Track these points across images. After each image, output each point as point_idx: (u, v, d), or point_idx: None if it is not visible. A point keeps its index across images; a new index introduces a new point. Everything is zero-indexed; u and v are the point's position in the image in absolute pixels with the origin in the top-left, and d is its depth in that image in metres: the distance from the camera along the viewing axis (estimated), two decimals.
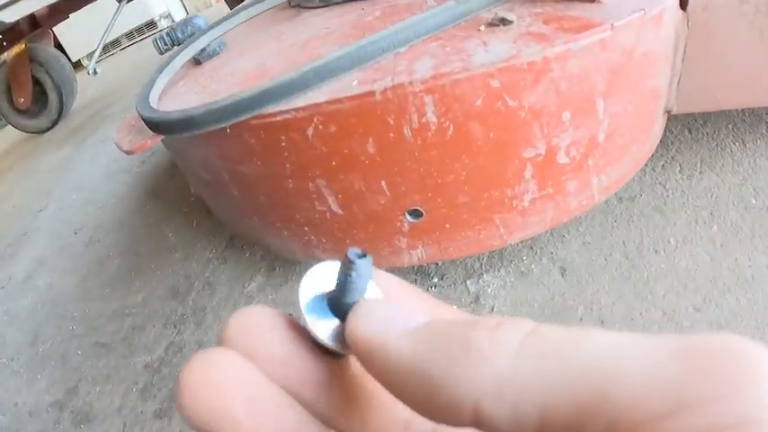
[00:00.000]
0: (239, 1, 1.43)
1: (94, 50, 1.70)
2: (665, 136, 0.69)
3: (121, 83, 2.29)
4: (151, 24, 3.06)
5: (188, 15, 0.73)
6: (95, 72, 1.76)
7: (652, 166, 0.73)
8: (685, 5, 0.49)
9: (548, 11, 0.47)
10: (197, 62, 0.73)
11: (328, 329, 0.12)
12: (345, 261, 0.12)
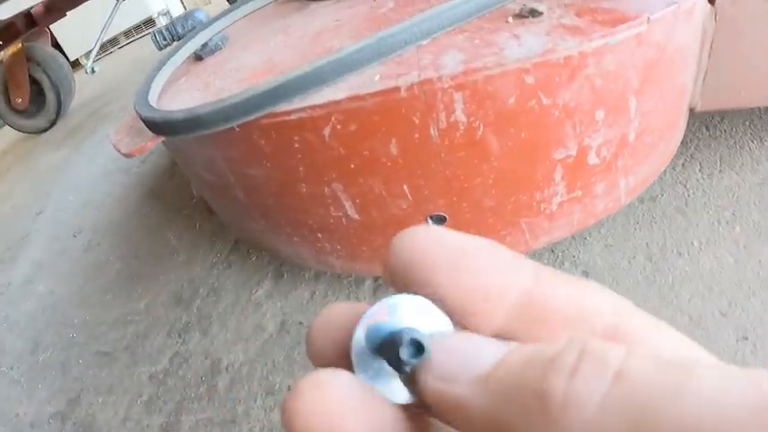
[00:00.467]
0: None
1: (92, 49, 1.67)
2: (684, 134, 0.67)
3: (120, 81, 2.27)
4: (149, 22, 3.02)
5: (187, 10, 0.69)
6: (93, 71, 1.73)
7: (672, 165, 0.71)
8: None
9: (577, 2, 0.44)
10: (198, 58, 0.70)
11: (392, 388, 0.11)
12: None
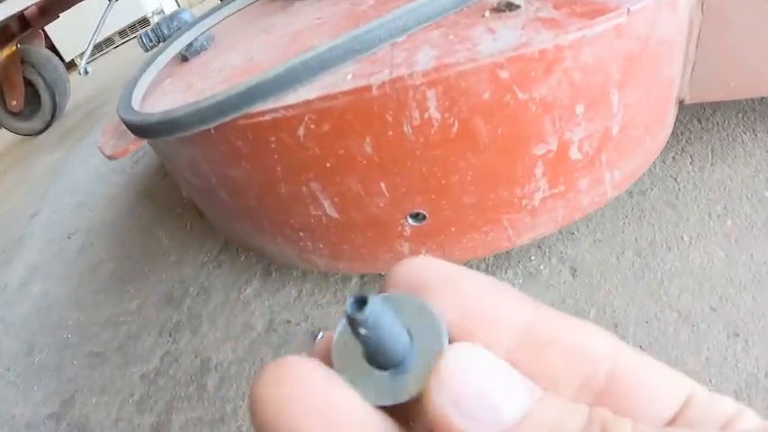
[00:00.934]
0: None
1: (85, 50, 1.67)
2: (675, 126, 0.66)
3: (115, 81, 2.26)
4: (144, 22, 3.01)
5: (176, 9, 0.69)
6: (87, 72, 1.72)
7: (662, 159, 0.70)
8: None
9: None
10: (184, 59, 0.69)
11: (378, 389, 0.10)
12: (348, 319, 0.10)
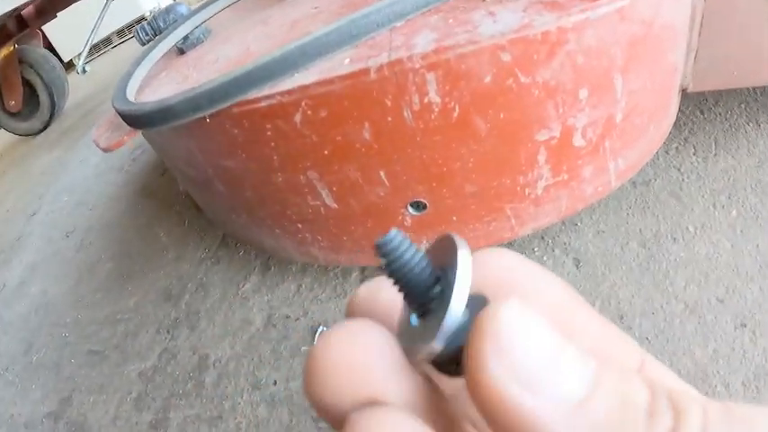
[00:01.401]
0: None
1: (83, 50, 1.66)
2: (677, 117, 0.65)
3: (113, 81, 2.24)
4: (142, 20, 3.01)
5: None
6: (84, 71, 1.72)
7: (665, 149, 0.69)
8: None
9: None
10: (180, 51, 0.68)
11: (412, 335, 0.10)
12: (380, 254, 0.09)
